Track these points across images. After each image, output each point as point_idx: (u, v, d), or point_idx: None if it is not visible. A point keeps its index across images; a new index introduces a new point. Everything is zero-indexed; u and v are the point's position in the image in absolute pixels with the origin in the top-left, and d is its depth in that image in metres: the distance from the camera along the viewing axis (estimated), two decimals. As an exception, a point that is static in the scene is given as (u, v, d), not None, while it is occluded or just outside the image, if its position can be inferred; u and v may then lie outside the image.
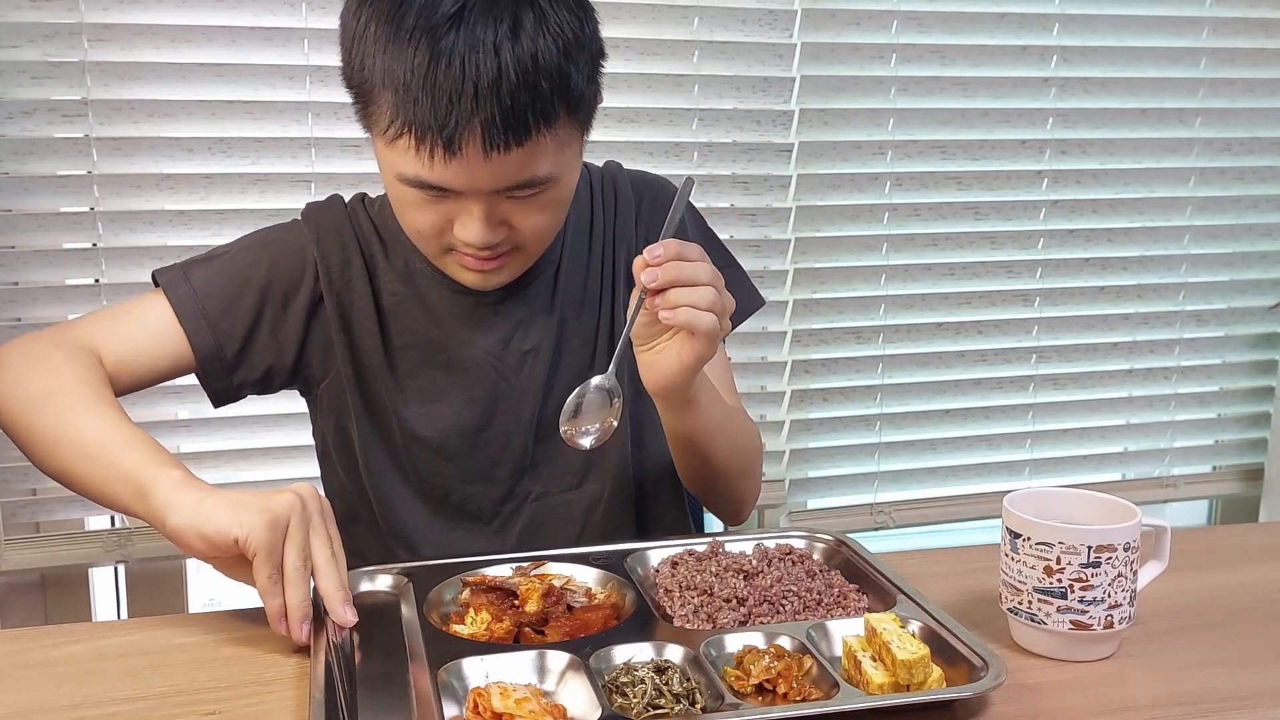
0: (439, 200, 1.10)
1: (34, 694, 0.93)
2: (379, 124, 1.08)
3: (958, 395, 2.05)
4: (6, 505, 1.66)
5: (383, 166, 1.13)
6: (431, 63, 1.02)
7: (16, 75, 1.58)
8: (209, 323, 1.21)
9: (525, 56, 1.03)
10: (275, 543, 0.96)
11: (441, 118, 1.03)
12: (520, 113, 1.04)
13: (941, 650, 0.94)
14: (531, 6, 1.05)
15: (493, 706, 0.83)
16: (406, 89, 1.03)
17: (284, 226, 1.29)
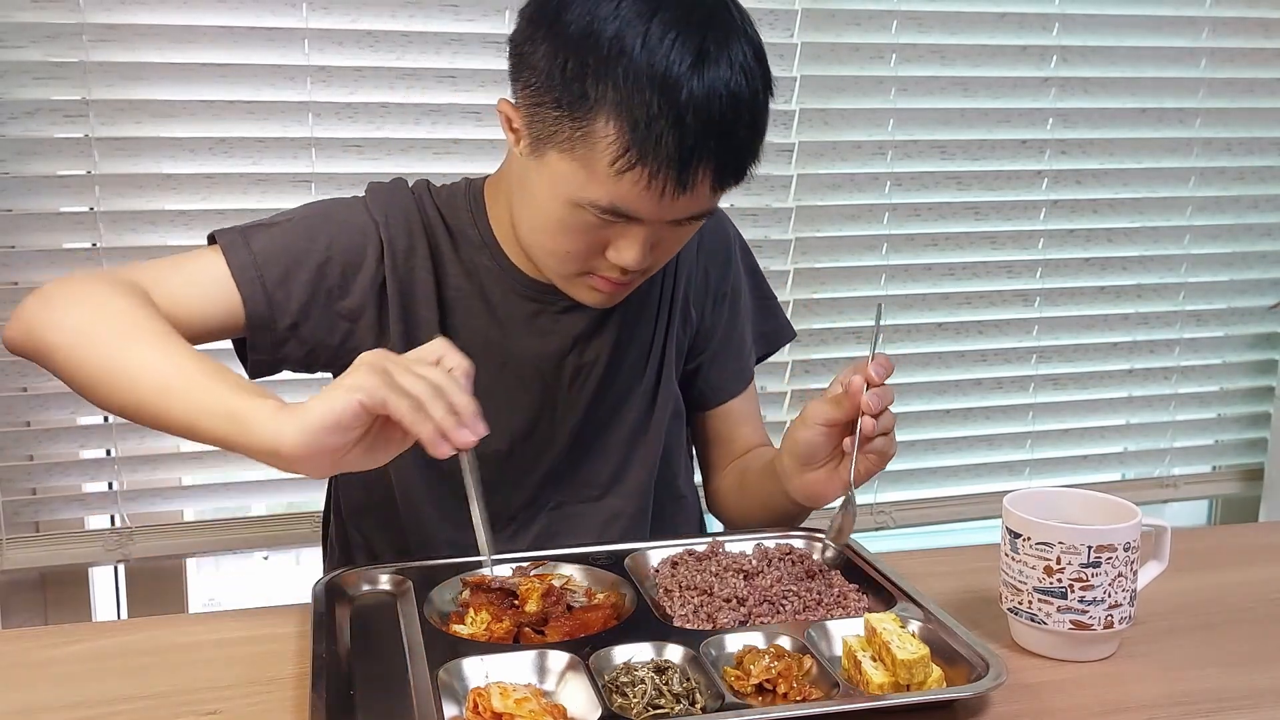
0: (607, 226, 1.09)
1: (34, 694, 0.93)
2: (593, 151, 1.04)
3: (958, 395, 2.05)
4: (6, 505, 1.66)
5: (557, 188, 1.08)
6: (678, 102, 1.01)
7: (18, 75, 1.58)
8: (265, 290, 1.17)
9: (752, 99, 1.06)
10: (394, 381, 0.93)
11: (684, 156, 1.02)
12: (746, 153, 1.08)
13: (941, 650, 0.94)
14: (751, 46, 1.07)
15: (493, 706, 0.83)
16: (649, 126, 1.01)
17: (346, 202, 1.26)
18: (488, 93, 1.74)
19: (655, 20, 1.01)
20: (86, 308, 1.07)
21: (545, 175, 1.09)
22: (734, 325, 1.39)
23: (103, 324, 1.05)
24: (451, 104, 1.73)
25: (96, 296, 1.07)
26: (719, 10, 1.06)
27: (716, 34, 1.03)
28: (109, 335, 1.04)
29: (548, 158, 1.08)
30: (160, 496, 1.72)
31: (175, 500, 1.74)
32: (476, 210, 1.25)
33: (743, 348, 1.41)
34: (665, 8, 1.02)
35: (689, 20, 1.02)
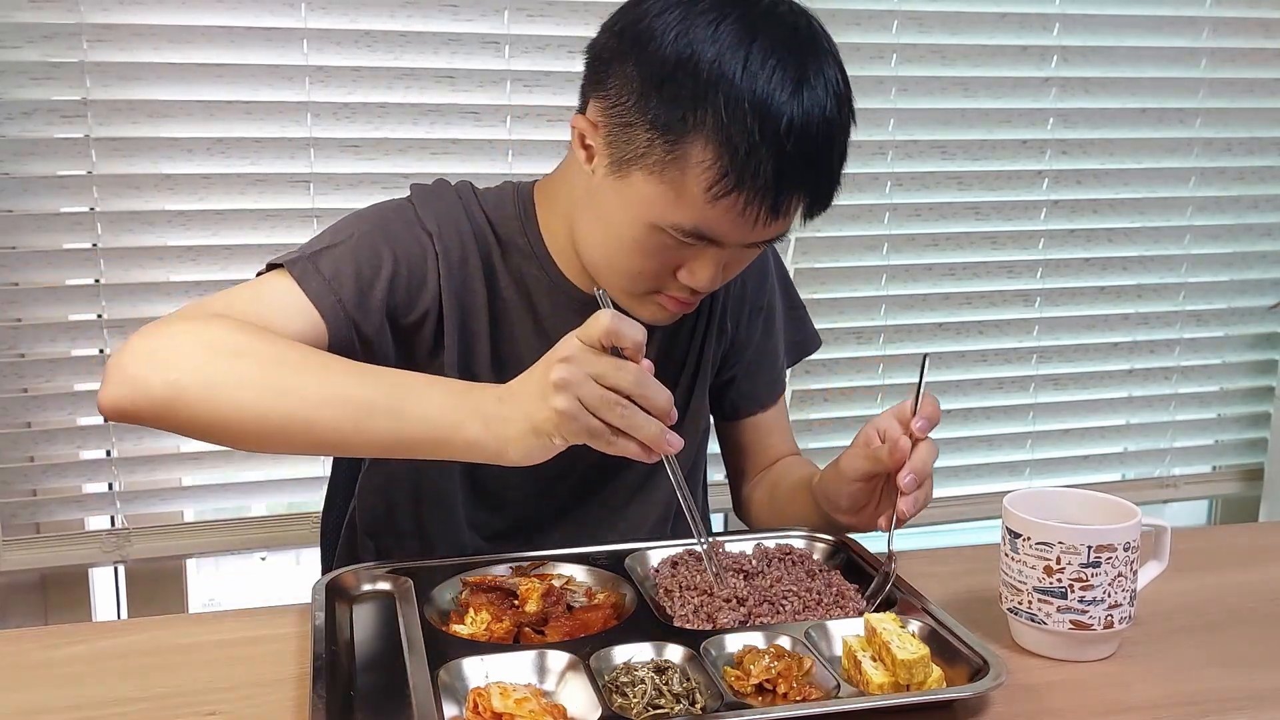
0: (684, 248, 1.08)
1: (34, 694, 0.93)
2: (685, 176, 1.02)
3: (958, 395, 2.05)
4: (6, 505, 1.66)
5: (637, 209, 1.07)
6: (779, 129, 1.00)
7: (16, 76, 1.58)
8: (346, 312, 1.11)
9: (844, 126, 1.06)
10: (589, 415, 0.93)
11: (780, 184, 1.02)
12: (836, 180, 1.07)
13: (941, 650, 0.94)
14: (841, 73, 1.06)
15: (493, 706, 0.83)
16: (749, 153, 1.00)
17: (399, 211, 1.20)
18: (486, 93, 1.74)
19: (755, 45, 1.00)
20: (210, 351, 1.00)
21: (626, 196, 1.07)
22: (768, 337, 1.39)
23: (245, 362, 1.00)
24: (450, 104, 1.73)
25: (225, 339, 1.01)
26: (814, 36, 1.05)
27: (813, 61, 1.02)
28: (261, 372, 0.99)
29: (631, 179, 1.06)
30: (160, 497, 1.72)
31: (175, 501, 1.73)
32: (526, 218, 1.22)
33: (775, 360, 1.41)
34: (764, 33, 1.01)
35: (788, 46, 1.01)
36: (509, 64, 1.74)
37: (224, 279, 1.68)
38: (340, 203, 1.71)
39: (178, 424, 1.01)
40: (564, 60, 1.77)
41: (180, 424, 1.01)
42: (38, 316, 1.65)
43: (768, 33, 1.01)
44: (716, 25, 1.01)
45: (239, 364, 0.99)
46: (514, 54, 1.74)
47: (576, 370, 0.92)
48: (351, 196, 1.71)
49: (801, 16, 1.06)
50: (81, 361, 1.67)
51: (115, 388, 1.00)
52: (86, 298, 1.66)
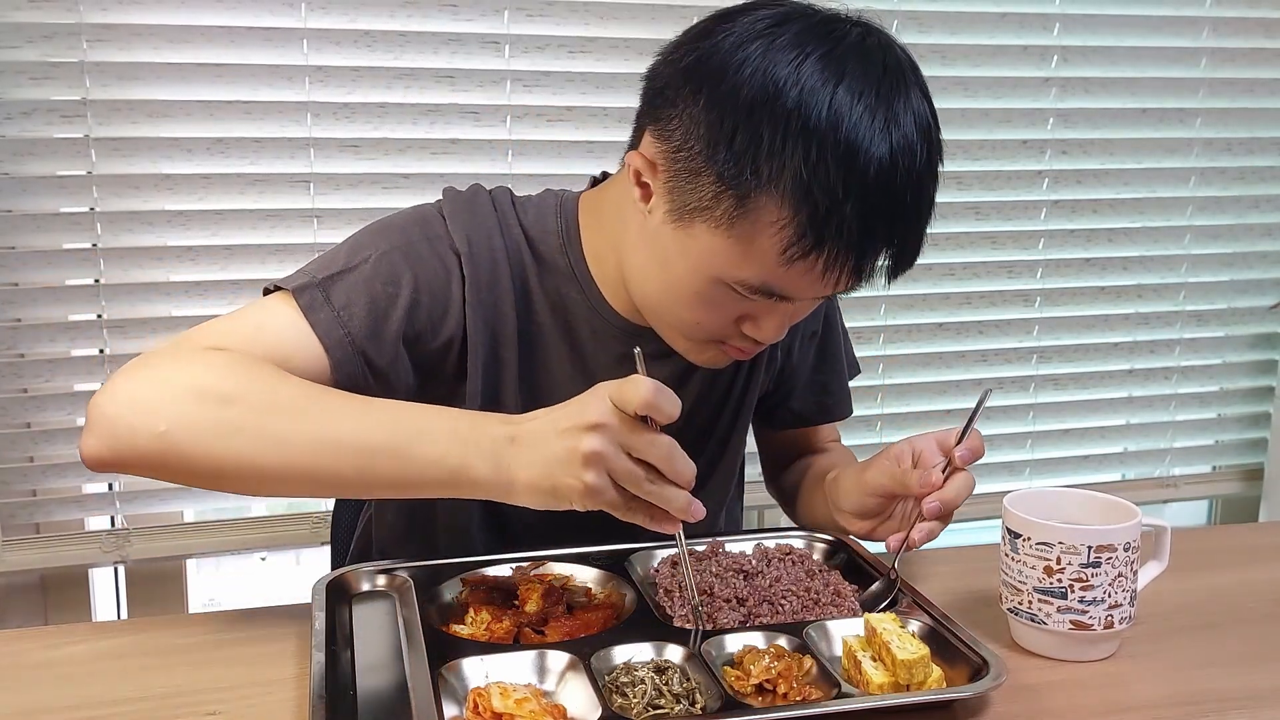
0: (749, 301, 1.01)
1: (34, 694, 0.93)
2: (756, 232, 0.95)
3: (958, 395, 2.05)
4: (6, 505, 1.66)
5: (699, 261, 0.99)
6: (867, 186, 0.92)
7: (15, 76, 1.58)
8: (355, 347, 1.04)
9: (933, 172, 0.99)
10: (610, 495, 0.89)
11: (865, 244, 0.95)
12: (924, 236, 1.00)
13: (941, 650, 0.94)
14: (931, 112, 0.99)
15: (493, 706, 0.83)
16: (830, 211, 0.92)
17: (425, 225, 1.11)
18: (486, 93, 1.74)
19: (841, 88, 0.92)
20: (198, 397, 0.94)
21: (687, 246, 0.99)
22: (823, 362, 1.33)
23: (235, 409, 0.93)
24: (450, 104, 1.73)
25: (215, 382, 0.94)
26: (901, 76, 0.97)
27: (901, 99, 0.95)
28: (254, 419, 0.93)
29: (694, 230, 0.98)
30: (159, 497, 1.72)
31: (175, 501, 1.73)
32: (568, 236, 1.13)
33: (829, 383, 1.35)
34: (850, 74, 0.93)
35: (876, 90, 0.93)
36: (509, 64, 1.74)
37: (224, 279, 1.68)
38: (340, 203, 1.71)
39: (170, 476, 0.96)
40: (564, 60, 1.77)
41: (172, 476, 0.96)
42: (38, 316, 1.65)
43: (856, 74, 0.93)
44: (798, 65, 0.92)
45: (229, 411, 0.93)
46: (514, 54, 1.74)
47: (609, 443, 0.87)
48: (351, 196, 1.71)
49: (889, 51, 0.98)
50: (81, 361, 1.67)
51: (98, 439, 0.94)
52: (86, 298, 1.66)
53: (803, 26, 0.96)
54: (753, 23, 0.96)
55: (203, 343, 1.00)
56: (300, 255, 1.70)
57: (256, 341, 1.01)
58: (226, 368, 0.96)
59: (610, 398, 0.88)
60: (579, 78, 1.77)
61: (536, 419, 0.92)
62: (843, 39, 0.96)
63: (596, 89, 1.78)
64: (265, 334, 1.02)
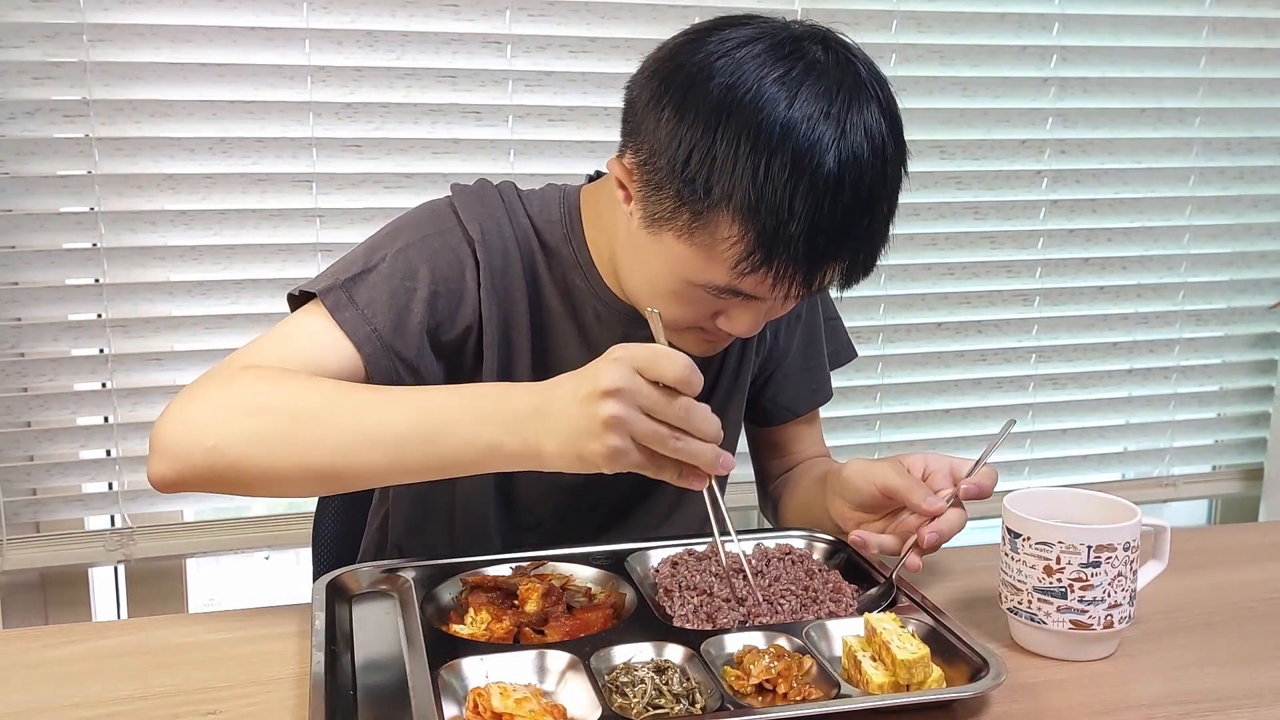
0: (722, 299, 1.05)
1: (34, 694, 0.93)
2: (714, 244, 0.99)
3: (958, 395, 2.05)
4: (6, 505, 1.66)
5: (672, 264, 1.03)
6: (815, 206, 0.95)
7: (17, 75, 1.58)
8: (383, 342, 1.09)
9: (891, 190, 1.00)
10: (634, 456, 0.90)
11: (813, 258, 0.98)
12: (878, 248, 1.02)
13: (941, 650, 0.94)
14: (891, 124, 1.00)
15: (493, 706, 0.83)
16: (777, 230, 0.95)
17: (437, 218, 1.16)
18: (487, 92, 1.74)
19: (794, 110, 0.94)
20: (236, 410, 0.99)
21: (659, 251, 1.04)
22: (807, 347, 1.37)
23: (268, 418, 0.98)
24: (451, 104, 1.73)
25: (248, 396, 1.00)
26: (858, 88, 0.98)
27: (854, 119, 0.96)
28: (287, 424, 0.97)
29: (663, 237, 1.03)
30: (160, 497, 1.72)
31: (175, 500, 1.73)
32: (571, 226, 1.18)
33: (813, 370, 1.38)
34: (803, 96, 0.95)
35: (829, 110, 0.95)
36: (510, 64, 1.74)
37: (226, 278, 1.68)
38: (342, 202, 1.71)
39: (228, 488, 1.01)
40: (565, 60, 1.77)
41: (230, 488, 1.01)
42: (39, 316, 1.65)
43: (807, 93, 0.95)
44: (755, 86, 0.95)
45: (265, 419, 0.98)
46: (516, 54, 1.74)
47: (628, 407, 0.88)
48: (353, 196, 1.71)
49: (848, 67, 0.99)
50: (82, 361, 1.67)
51: (160, 462, 1.00)
52: (87, 297, 1.66)
53: (766, 46, 0.98)
54: (719, 43, 0.99)
55: (241, 363, 1.05)
56: (302, 255, 1.71)
57: (289, 352, 1.06)
58: (260, 380, 1.01)
59: (633, 366, 0.88)
60: (580, 77, 1.77)
61: (559, 386, 0.93)
62: (801, 58, 0.98)
63: (598, 89, 1.78)
64: (296, 343, 1.08)
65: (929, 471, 1.10)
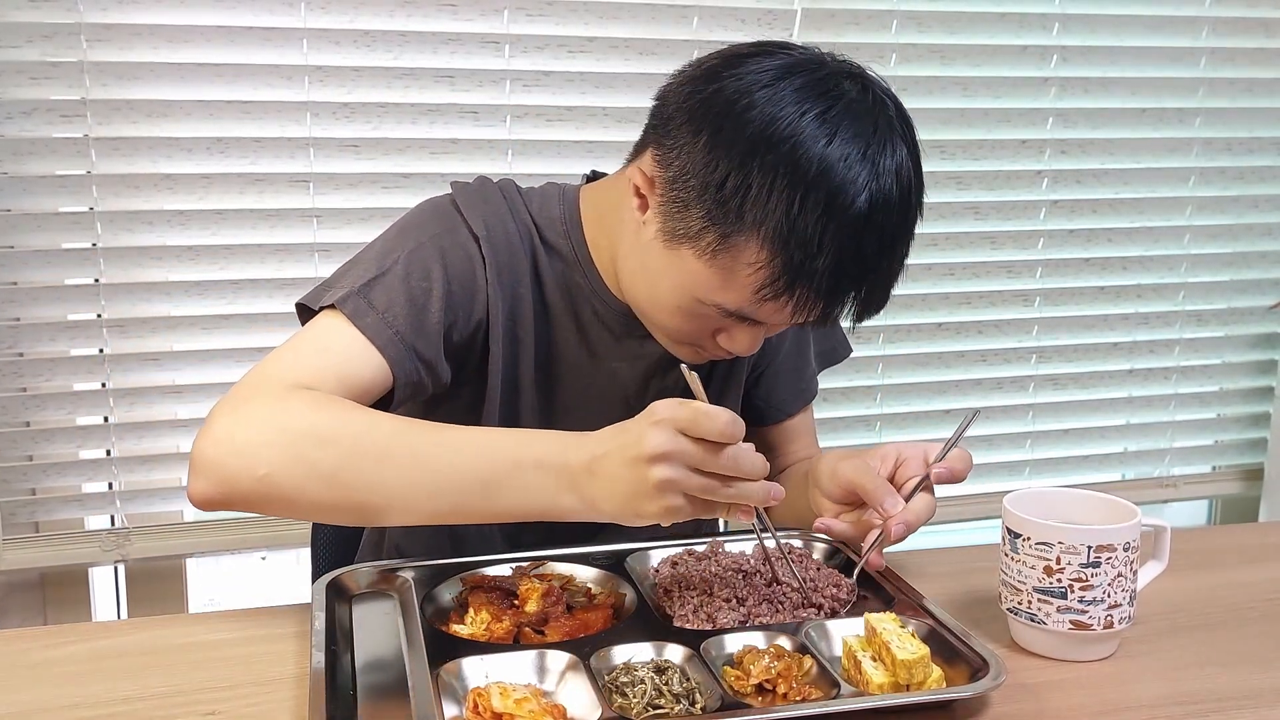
0: (726, 319, 1.06)
1: (34, 694, 0.93)
2: (735, 267, 1.00)
3: (958, 395, 2.05)
4: (6, 505, 1.66)
5: (684, 280, 1.04)
6: (843, 243, 0.97)
7: (15, 75, 1.58)
8: (406, 344, 1.08)
9: (910, 237, 1.03)
10: (690, 510, 0.92)
11: (834, 293, 1.00)
12: (893, 286, 1.05)
13: (941, 650, 0.94)
14: (915, 170, 1.02)
15: (493, 706, 0.83)
16: (804, 262, 0.97)
17: (442, 217, 1.16)
18: (485, 92, 1.74)
19: (832, 147, 0.97)
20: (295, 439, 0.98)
21: (673, 265, 1.05)
22: (798, 343, 1.37)
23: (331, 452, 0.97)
24: (449, 103, 1.73)
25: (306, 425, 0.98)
26: (890, 130, 1.00)
27: (887, 161, 0.99)
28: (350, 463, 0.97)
29: (680, 253, 1.03)
30: (159, 496, 1.72)
31: (175, 500, 1.73)
32: (570, 223, 1.19)
33: (804, 368, 1.40)
34: (842, 134, 0.97)
35: (864, 150, 0.98)
36: (509, 64, 1.74)
37: (224, 278, 1.68)
38: (340, 202, 1.71)
39: (274, 513, 1.02)
40: (564, 60, 1.77)
41: (276, 513, 1.02)
42: (37, 316, 1.65)
43: (846, 133, 0.97)
44: (795, 120, 0.97)
45: (325, 455, 0.97)
46: (514, 54, 1.74)
47: (677, 469, 0.90)
48: (351, 196, 1.71)
49: (882, 108, 1.01)
50: (81, 361, 1.67)
51: (204, 483, 0.98)
52: (86, 297, 1.66)
53: (805, 81, 1.00)
54: (759, 72, 1.01)
55: (284, 379, 1.03)
56: (300, 255, 1.71)
57: (326, 367, 1.05)
58: (316, 409, 1.00)
59: (676, 427, 0.90)
60: (579, 78, 1.77)
61: (605, 445, 0.94)
62: (841, 97, 1.00)
63: (596, 89, 1.78)
64: (331, 356, 1.07)
65: (902, 459, 1.11)
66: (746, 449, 0.92)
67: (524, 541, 1.19)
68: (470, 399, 1.18)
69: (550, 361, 1.20)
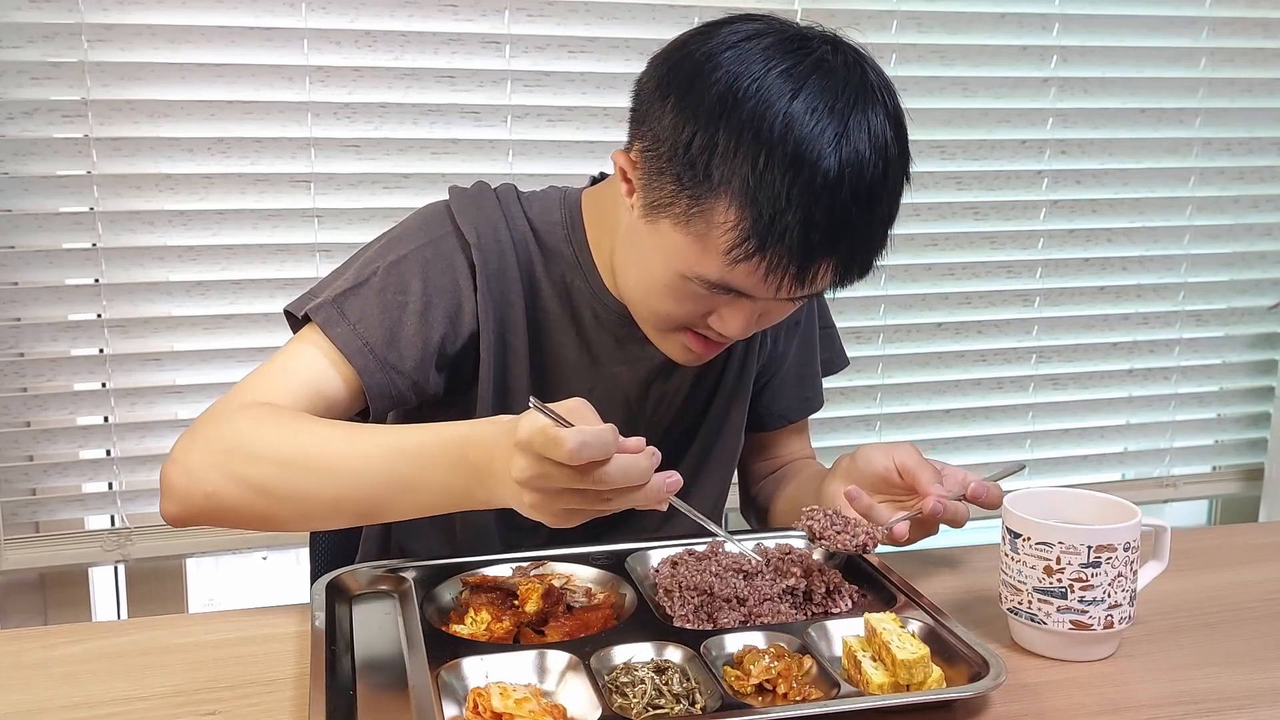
0: (714, 296, 1.04)
1: (33, 694, 0.93)
2: (709, 232, 0.99)
3: (958, 395, 2.05)
4: (6, 505, 1.66)
5: (667, 255, 1.03)
6: (811, 197, 0.95)
7: (16, 75, 1.58)
8: (377, 357, 1.09)
9: (891, 192, 1.00)
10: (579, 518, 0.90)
11: (807, 251, 0.97)
12: (876, 248, 1.02)
13: (941, 650, 0.94)
14: (894, 127, 0.99)
15: (493, 706, 0.83)
16: (774, 218, 0.95)
17: (430, 226, 1.16)
18: (486, 93, 1.74)
19: (798, 102, 0.95)
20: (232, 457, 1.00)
21: (656, 241, 1.04)
22: (803, 354, 1.37)
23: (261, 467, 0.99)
24: (450, 104, 1.73)
25: (238, 442, 1.01)
26: (862, 86, 0.98)
27: (859, 116, 0.96)
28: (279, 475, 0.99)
29: (660, 225, 1.02)
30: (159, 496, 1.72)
31: (175, 500, 1.73)
32: (572, 227, 1.18)
33: (807, 378, 1.38)
34: (809, 89, 0.96)
35: (834, 105, 0.96)
36: (509, 64, 1.74)
37: (224, 278, 1.68)
38: (341, 202, 1.71)
39: (231, 525, 1.04)
40: (564, 60, 1.77)
41: (234, 525, 1.04)
42: (38, 316, 1.65)
43: (814, 89, 0.96)
44: (761, 77, 0.96)
45: (256, 468, 0.99)
46: (514, 54, 1.74)
47: (542, 492, 0.87)
48: (352, 196, 1.71)
49: (856, 69, 0.99)
50: (81, 361, 1.67)
51: (167, 504, 1.04)
52: (86, 297, 1.66)
53: (774, 41, 0.99)
54: (728, 35, 1.00)
55: (241, 399, 1.06)
56: (301, 255, 1.71)
57: (286, 383, 1.08)
58: (253, 424, 1.02)
59: (534, 452, 0.84)
60: (579, 78, 1.77)
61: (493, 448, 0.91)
62: (809, 54, 0.98)
63: (597, 89, 1.78)
64: (293, 372, 1.09)
65: (944, 473, 1.11)
66: (621, 461, 0.84)
67: (524, 541, 1.19)
68: (464, 406, 1.18)
69: (546, 367, 1.19)
